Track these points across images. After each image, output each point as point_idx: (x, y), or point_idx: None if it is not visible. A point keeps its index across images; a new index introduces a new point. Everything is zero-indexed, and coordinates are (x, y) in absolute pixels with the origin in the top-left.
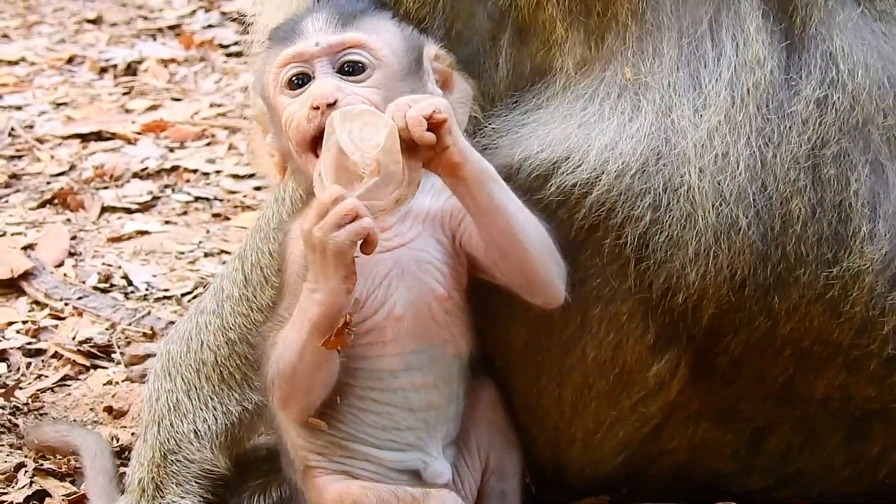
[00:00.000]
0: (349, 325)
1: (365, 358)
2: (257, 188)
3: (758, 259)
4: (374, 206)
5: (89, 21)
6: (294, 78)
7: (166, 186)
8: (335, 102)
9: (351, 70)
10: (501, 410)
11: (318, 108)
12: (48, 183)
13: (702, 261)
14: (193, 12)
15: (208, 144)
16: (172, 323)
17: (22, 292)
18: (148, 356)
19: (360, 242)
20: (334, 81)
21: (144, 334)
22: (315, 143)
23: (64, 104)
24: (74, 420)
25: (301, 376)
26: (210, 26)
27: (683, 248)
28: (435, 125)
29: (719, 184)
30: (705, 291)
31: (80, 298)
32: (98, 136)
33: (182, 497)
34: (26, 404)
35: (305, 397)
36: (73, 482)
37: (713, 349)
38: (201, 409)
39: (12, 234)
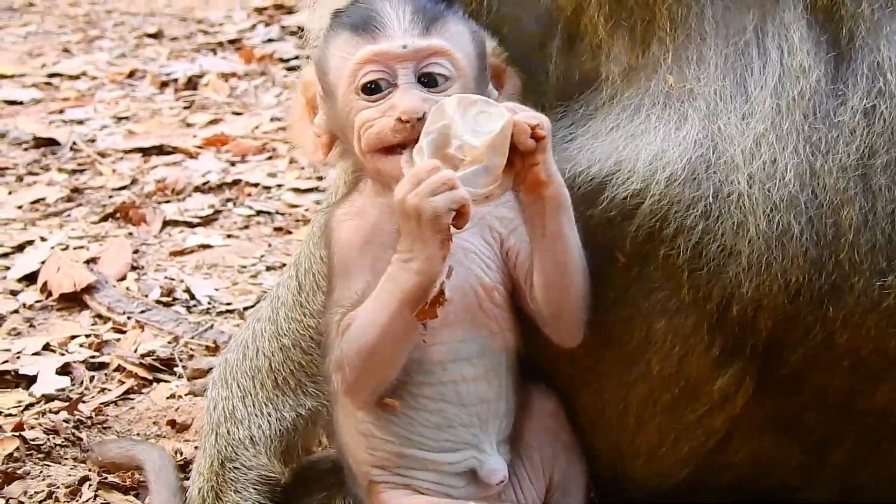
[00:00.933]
0: (443, 294)
1: (415, 349)
2: (318, 202)
3: (812, 267)
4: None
5: (150, 35)
6: (370, 84)
7: (228, 200)
8: (423, 115)
9: (428, 81)
10: (565, 424)
11: (407, 121)
12: (110, 197)
13: (755, 270)
14: (254, 26)
15: (269, 158)
16: None
17: (85, 306)
18: (210, 370)
19: (453, 214)
20: (420, 94)
21: (207, 348)
22: (391, 149)
23: (125, 118)
24: (137, 434)
25: (380, 354)
26: (270, 40)
27: (736, 258)
28: (536, 138)
29: (769, 191)
30: (760, 302)
31: (142, 312)
32: (159, 150)
33: None
34: (90, 418)
35: (379, 376)
36: (136, 496)
37: (774, 362)
38: (256, 416)
39: (75, 248)
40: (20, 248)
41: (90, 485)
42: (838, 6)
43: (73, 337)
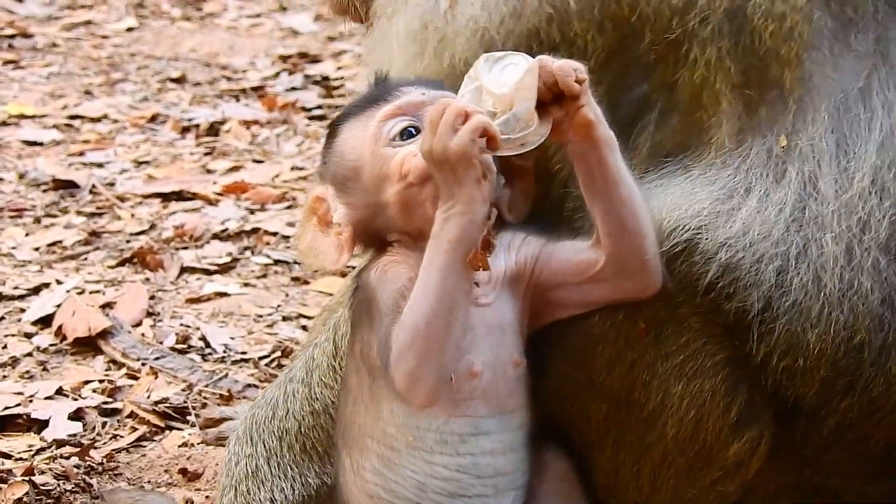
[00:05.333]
0: (491, 235)
1: (435, 418)
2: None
3: (877, 323)
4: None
5: (173, 80)
6: (403, 132)
7: (246, 248)
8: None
9: None
10: (576, 485)
11: None
12: (128, 241)
13: (823, 322)
14: (277, 74)
15: (289, 207)
16: (249, 386)
17: (99, 351)
18: (224, 419)
19: (483, 141)
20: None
21: (221, 396)
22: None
23: (145, 163)
24: (148, 482)
25: (435, 325)
26: (293, 89)
27: (807, 312)
28: (578, 82)
29: (852, 249)
30: (823, 352)
31: (157, 359)
32: (179, 195)
33: None
34: (101, 464)
35: (438, 357)
36: None
37: (818, 415)
38: (280, 478)
39: (91, 293)
40: (36, 290)
41: None
42: None
43: (87, 382)
